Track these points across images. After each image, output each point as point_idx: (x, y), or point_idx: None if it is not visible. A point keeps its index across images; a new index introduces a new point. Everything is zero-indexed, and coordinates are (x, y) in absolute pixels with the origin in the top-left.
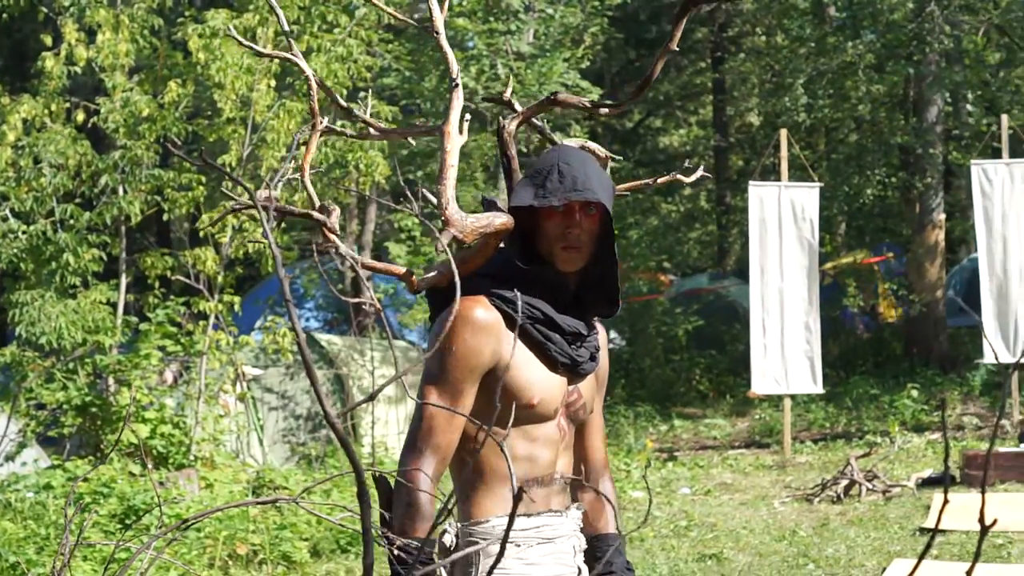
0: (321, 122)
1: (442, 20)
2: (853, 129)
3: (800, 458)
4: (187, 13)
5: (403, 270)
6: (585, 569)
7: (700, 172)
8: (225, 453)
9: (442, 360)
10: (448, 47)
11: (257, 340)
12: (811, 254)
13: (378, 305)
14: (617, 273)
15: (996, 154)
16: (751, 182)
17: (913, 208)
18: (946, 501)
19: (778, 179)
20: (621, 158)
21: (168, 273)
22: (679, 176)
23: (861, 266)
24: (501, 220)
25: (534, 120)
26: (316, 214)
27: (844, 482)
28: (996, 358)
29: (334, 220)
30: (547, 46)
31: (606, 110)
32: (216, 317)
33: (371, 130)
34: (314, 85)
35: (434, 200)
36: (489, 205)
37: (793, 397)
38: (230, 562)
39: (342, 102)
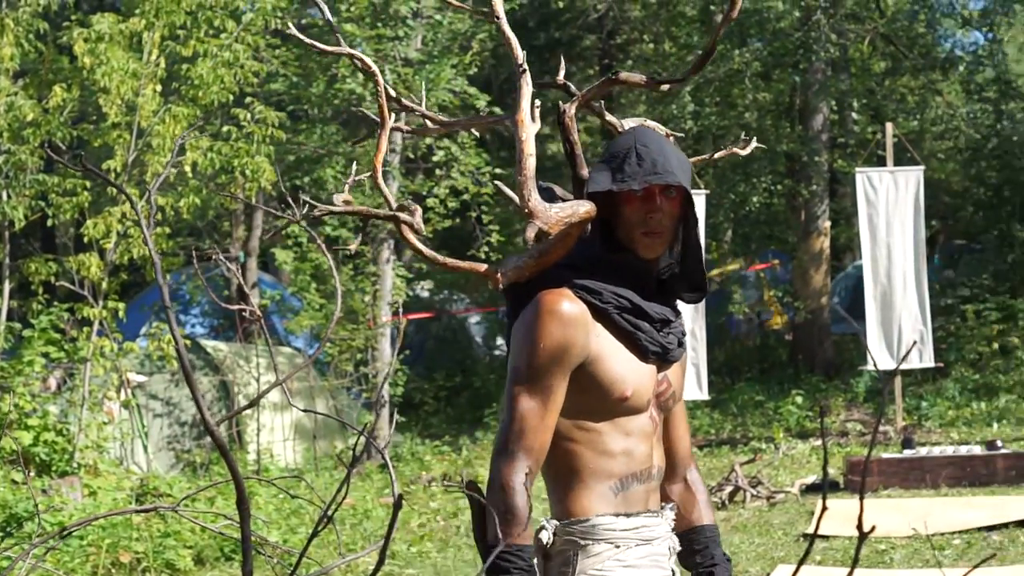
0: (392, 120)
1: (502, 5)
2: (740, 137)
3: None
4: (73, 17)
5: (484, 267)
6: (679, 572)
7: (754, 144)
8: (109, 460)
9: (530, 357)
10: (511, 32)
11: (142, 347)
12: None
13: (259, 312)
14: (701, 256)
15: (881, 162)
16: None
17: (799, 215)
18: (824, 508)
19: None
20: (681, 134)
21: (52, 279)
22: (735, 149)
23: (747, 273)
24: (585, 208)
25: (592, 103)
26: (402, 215)
27: (729, 488)
28: (875, 366)
29: (418, 219)
30: (435, 52)
31: (666, 86)
32: (100, 323)
33: (428, 123)
34: (381, 83)
35: (510, 194)
36: (546, 193)
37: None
38: (113, 570)
39: (394, 93)
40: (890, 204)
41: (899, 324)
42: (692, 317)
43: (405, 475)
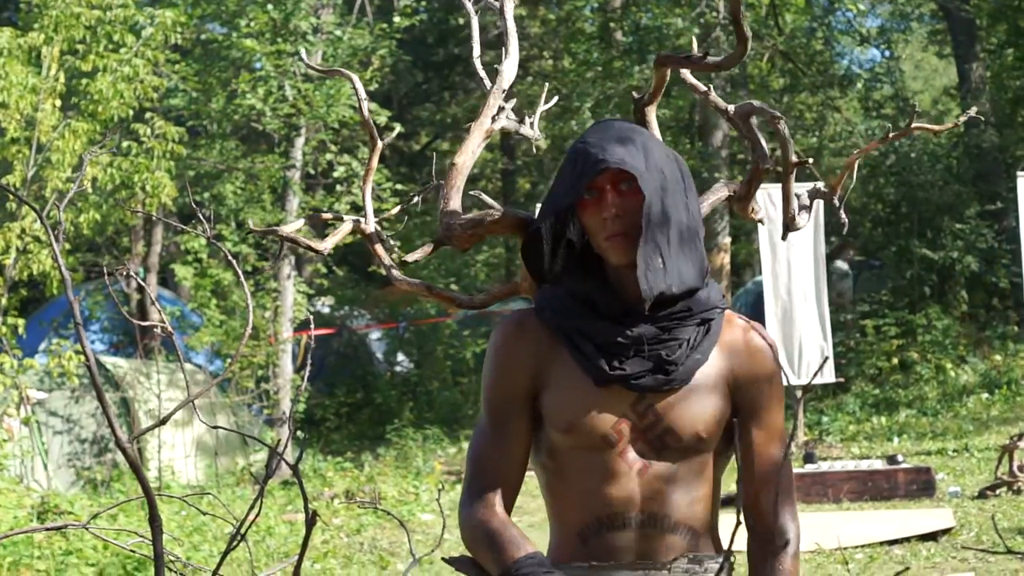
0: (386, 137)
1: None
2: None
3: None
4: None
5: (422, 287)
6: None
7: (970, 113)
8: (9, 478)
9: (485, 389)
10: (512, 25)
11: (42, 363)
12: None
13: (170, 328)
14: (656, 251)
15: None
16: (538, 205)
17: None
18: (739, 523)
19: None
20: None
21: None
22: (922, 125)
23: None
24: (493, 218)
25: (692, 82)
26: (304, 241)
27: None
28: (787, 380)
29: (330, 239)
30: (335, 68)
31: (712, 62)
32: (0, 339)
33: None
34: (365, 107)
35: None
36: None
37: None
38: None
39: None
40: (779, 221)
41: (800, 340)
42: None
43: (308, 491)
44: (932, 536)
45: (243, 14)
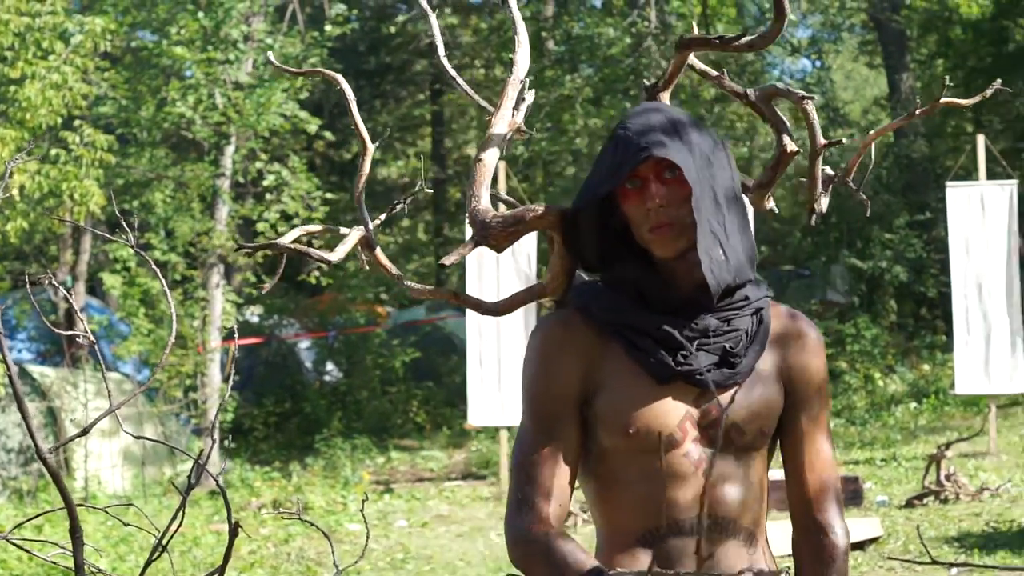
0: (373, 145)
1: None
2: (571, 162)
3: None
4: None
5: (451, 293)
6: None
7: (995, 86)
8: None
9: (529, 393)
10: (520, 19)
11: None
12: (528, 285)
13: (91, 337)
14: (700, 247)
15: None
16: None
17: None
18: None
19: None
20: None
21: None
22: (950, 100)
23: None
24: (535, 213)
25: (701, 67)
26: (316, 254)
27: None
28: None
29: (342, 247)
30: (266, 76)
31: (747, 40)
32: None
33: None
34: (354, 108)
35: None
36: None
37: (510, 428)
38: None
39: (474, 95)
40: None
41: None
42: (523, 342)
43: (235, 501)
44: (859, 545)
45: (173, 22)
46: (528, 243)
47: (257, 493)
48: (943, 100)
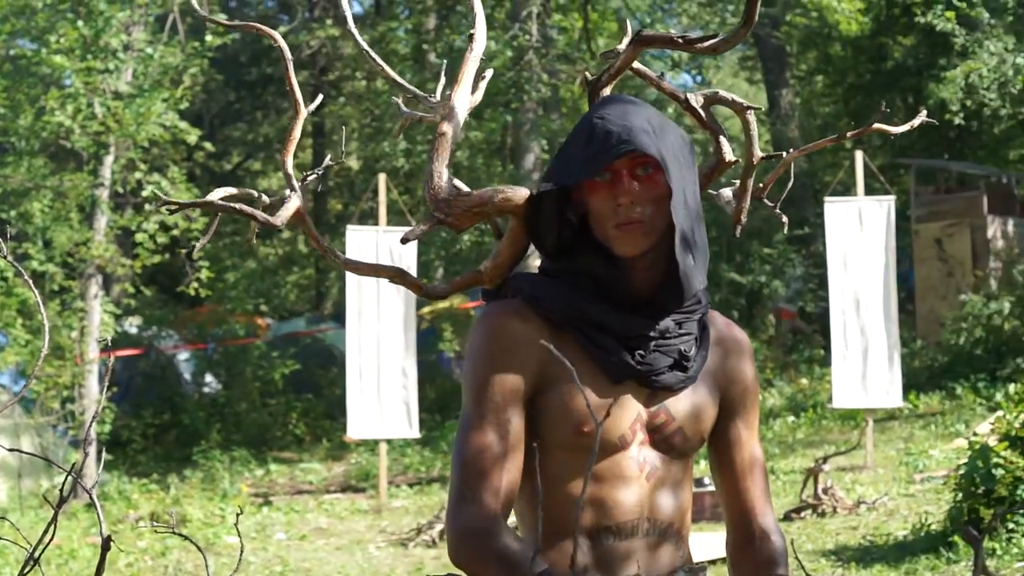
0: (304, 110)
1: None
2: (452, 174)
3: (396, 503)
4: None
5: (391, 272)
6: None
7: (920, 119)
8: None
9: (477, 388)
10: None
11: None
12: (408, 299)
13: None
14: (675, 250)
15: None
16: (349, 226)
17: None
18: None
19: (376, 224)
20: (759, 107)
21: None
22: (880, 126)
23: (458, 311)
24: (504, 195)
25: (637, 66)
26: (248, 209)
27: (439, 526)
28: (588, 405)
29: (284, 214)
30: (146, 86)
31: (709, 43)
32: None
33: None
34: (290, 66)
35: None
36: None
37: (389, 441)
38: None
39: (395, 76)
40: None
41: None
42: (403, 355)
43: (112, 513)
44: None
45: (53, 30)
46: (409, 255)
47: (135, 506)
48: (875, 126)
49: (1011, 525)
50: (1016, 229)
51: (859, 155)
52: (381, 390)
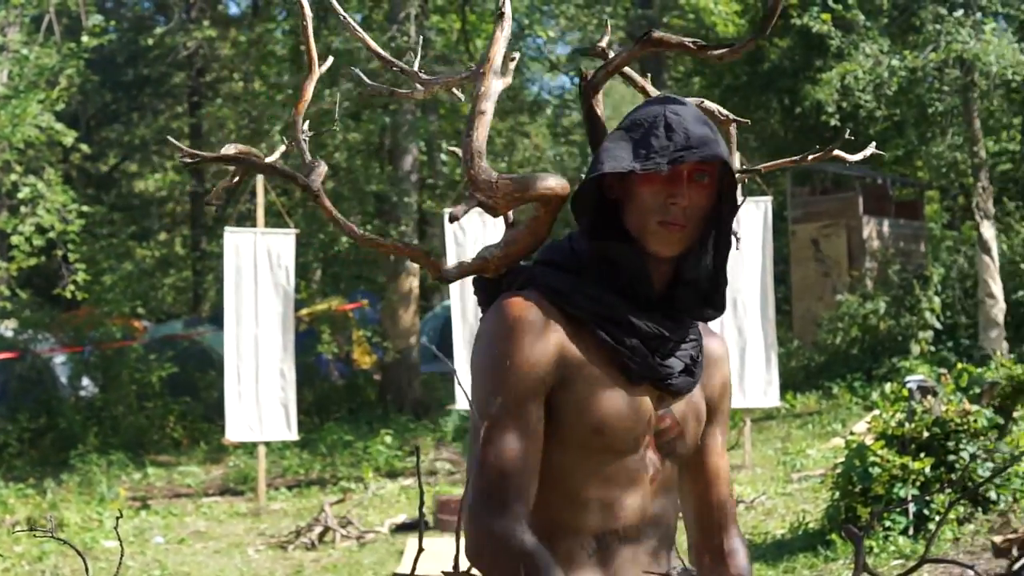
0: (318, 71)
1: None
2: (330, 176)
3: (275, 505)
4: None
5: (410, 249)
6: None
7: (870, 150)
8: None
9: (497, 380)
10: None
11: None
12: (287, 301)
13: None
14: (724, 267)
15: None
16: (227, 228)
17: (388, 255)
18: (421, 549)
19: (254, 225)
20: (746, 121)
21: None
22: (839, 153)
23: (336, 313)
24: (546, 183)
25: (626, 70)
26: (286, 168)
27: (318, 529)
28: (471, 404)
29: (315, 178)
30: (21, 87)
31: (719, 52)
32: None
33: (418, 85)
34: (310, 24)
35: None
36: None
37: (268, 444)
38: None
39: (379, 50)
40: (479, 245)
41: None
42: (281, 357)
43: None
44: None
45: None
46: (287, 255)
47: (11, 510)
48: (835, 152)
49: (887, 523)
50: (891, 230)
51: (736, 156)
52: (259, 392)
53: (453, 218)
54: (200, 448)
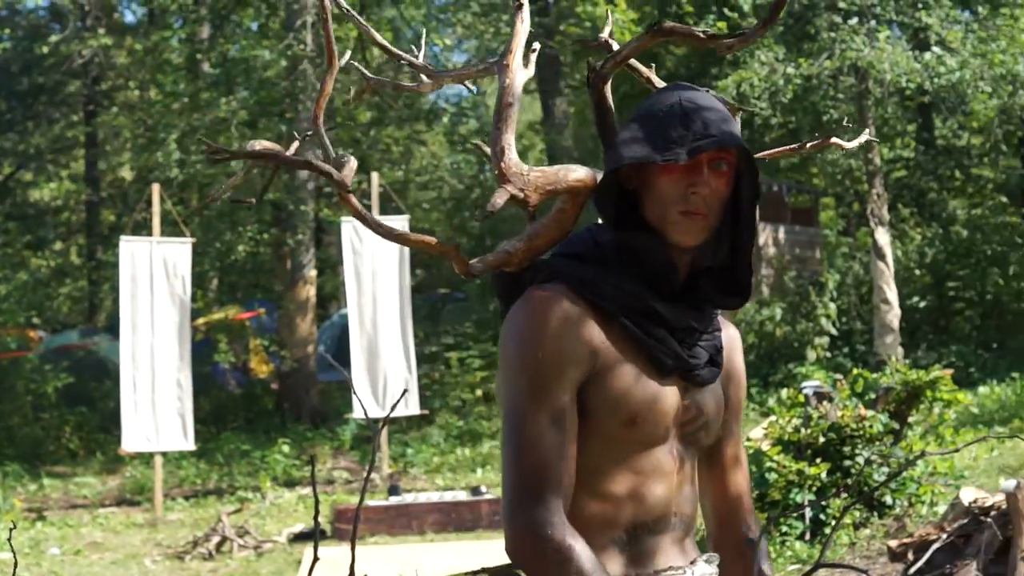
0: (338, 64)
1: None
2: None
3: (172, 515)
4: None
5: (437, 243)
6: None
7: (865, 136)
8: None
9: (531, 371)
10: None
11: None
12: (183, 310)
13: None
14: (749, 253)
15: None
16: (123, 237)
17: (284, 264)
18: (316, 558)
19: (150, 234)
20: (755, 110)
21: None
22: (836, 140)
23: (233, 322)
24: (576, 175)
25: (634, 62)
26: (322, 165)
27: (216, 539)
28: (365, 413)
29: (347, 173)
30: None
31: (729, 41)
32: None
33: (424, 77)
34: (330, 17)
35: (486, 150)
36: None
37: (164, 454)
38: None
39: (387, 44)
40: (376, 254)
41: (384, 372)
42: (178, 366)
43: None
44: (506, 569)
45: None
46: (183, 264)
47: None
48: (832, 141)
49: (784, 529)
50: (787, 236)
51: None
52: (156, 402)
53: (489, 214)
54: (96, 459)
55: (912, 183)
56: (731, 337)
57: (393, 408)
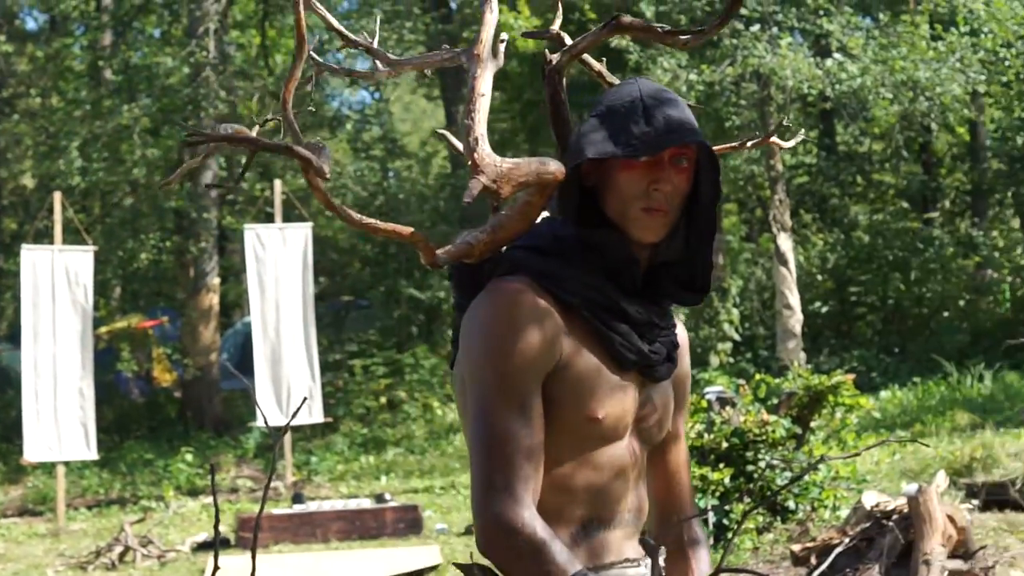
0: (308, 48)
1: None
2: (128, 193)
3: (74, 525)
4: None
5: (410, 231)
6: None
7: (801, 136)
8: None
9: (496, 364)
10: None
11: None
12: (85, 318)
13: None
14: (710, 249)
15: (269, 219)
16: (24, 246)
17: (187, 272)
18: (216, 567)
19: (52, 243)
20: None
21: None
22: (776, 140)
23: (136, 330)
24: (550, 168)
25: (587, 57)
26: (302, 150)
27: (119, 548)
28: (266, 422)
29: (324, 161)
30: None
31: (685, 37)
32: None
33: (379, 64)
34: (301, 5)
35: (455, 142)
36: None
37: (67, 463)
38: None
39: (341, 28)
40: (279, 261)
41: (288, 380)
42: (80, 375)
43: None
44: (420, 573)
45: None
46: (86, 272)
47: None
48: (771, 140)
49: None
50: None
51: None
52: (58, 411)
53: (467, 204)
54: None
55: (814, 189)
56: (681, 334)
57: (294, 416)
